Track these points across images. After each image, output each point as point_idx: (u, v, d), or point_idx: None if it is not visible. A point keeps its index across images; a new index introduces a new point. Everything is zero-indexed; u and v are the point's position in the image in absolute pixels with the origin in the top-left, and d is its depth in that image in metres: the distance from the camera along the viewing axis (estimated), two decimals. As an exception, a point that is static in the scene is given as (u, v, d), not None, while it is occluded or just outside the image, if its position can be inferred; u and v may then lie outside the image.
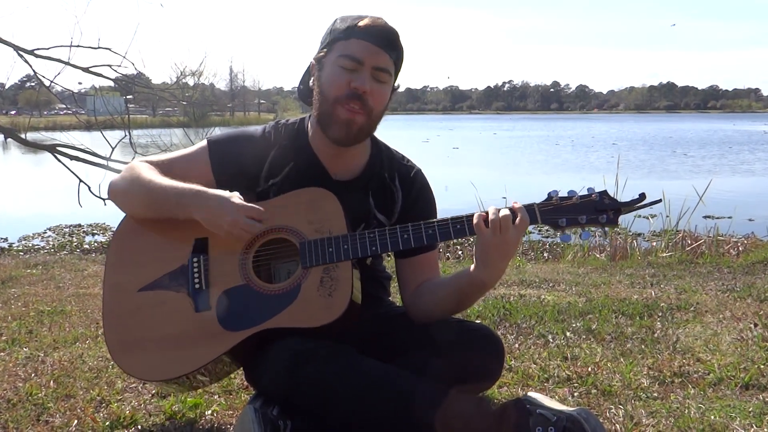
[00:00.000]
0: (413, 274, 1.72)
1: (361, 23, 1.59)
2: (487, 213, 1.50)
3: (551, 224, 1.52)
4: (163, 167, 1.69)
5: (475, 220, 1.50)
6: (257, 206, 1.57)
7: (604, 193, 1.53)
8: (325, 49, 1.63)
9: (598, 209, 1.51)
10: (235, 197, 1.56)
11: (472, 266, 1.56)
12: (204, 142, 1.72)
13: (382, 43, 1.60)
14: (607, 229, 1.54)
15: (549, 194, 1.54)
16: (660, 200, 1.54)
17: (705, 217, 7.71)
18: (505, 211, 1.49)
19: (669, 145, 27.88)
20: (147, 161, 1.72)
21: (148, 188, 1.62)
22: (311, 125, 1.72)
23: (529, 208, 1.52)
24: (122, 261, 1.68)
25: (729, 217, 8.07)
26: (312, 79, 1.68)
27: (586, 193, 1.54)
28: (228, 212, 1.53)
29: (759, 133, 38.14)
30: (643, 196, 1.52)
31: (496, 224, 1.47)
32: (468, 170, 14.52)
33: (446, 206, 1.70)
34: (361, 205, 1.72)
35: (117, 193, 1.71)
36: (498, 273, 1.55)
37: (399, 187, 1.76)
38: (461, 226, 1.54)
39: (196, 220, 1.58)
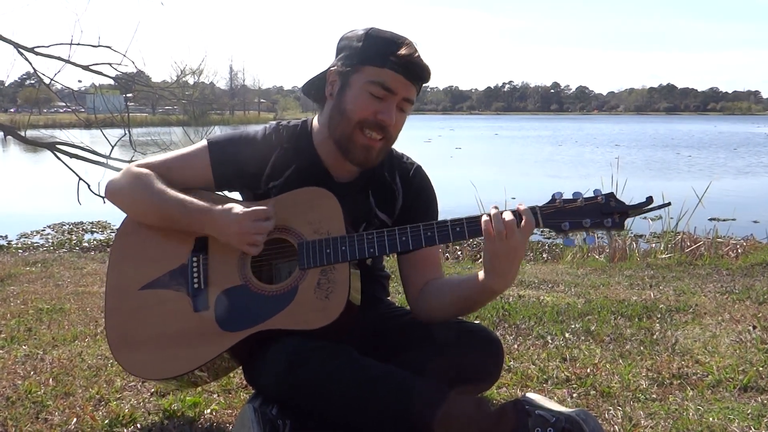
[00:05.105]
0: (416, 272, 1.71)
1: (398, 53, 1.55)
2: (490, 216, 1.46)
3: (554, 228, 1.47)
4: (163, 169, 1.68)
5: (484, 226, 1.46)
6: (261, 206, 1.56)
7: (611, 195, 1.47)
8: (351, 66, 1.59)
9: (604, 212, 1.45)
10: (237, 207, 1.56)
11: (482, 273, 1.52)
12: (204, 143, 1.71)
13: (415, 78, 1.59)
14: (613, 233, 1.49)
15: (553, 196, 1.48)
16: (669, 203, 1.48)
17: (710, 219, 7.62)
18: (508, 216, 1.45)
19: (672, 147, 27.87)
20: (146, 164, 1.70)
21: (154, 202, 1.62)
22: (318, 130, 1.71)
23: (531, 211, 1.46)
24: (124, 260, 1.68)
25: (733, 219, 8.06)
26: (328, 87, 1.65)
27: (591, 195, 1.47)
28: (233, 226, 1.54)
29: (761, 135, 38.04)
30: (650, 199, 1.45)
31: (501, 232, 1.43)
32: (473, 171, 14.46)
33: (451, 206, 1.69)
34: (363, 206, 1.72)
35: (119, 197, 1.70)
36: (509, 279, 1.51)
37: (400, 186, 1.76)
38: (461, 228, 1.50)
39: None
